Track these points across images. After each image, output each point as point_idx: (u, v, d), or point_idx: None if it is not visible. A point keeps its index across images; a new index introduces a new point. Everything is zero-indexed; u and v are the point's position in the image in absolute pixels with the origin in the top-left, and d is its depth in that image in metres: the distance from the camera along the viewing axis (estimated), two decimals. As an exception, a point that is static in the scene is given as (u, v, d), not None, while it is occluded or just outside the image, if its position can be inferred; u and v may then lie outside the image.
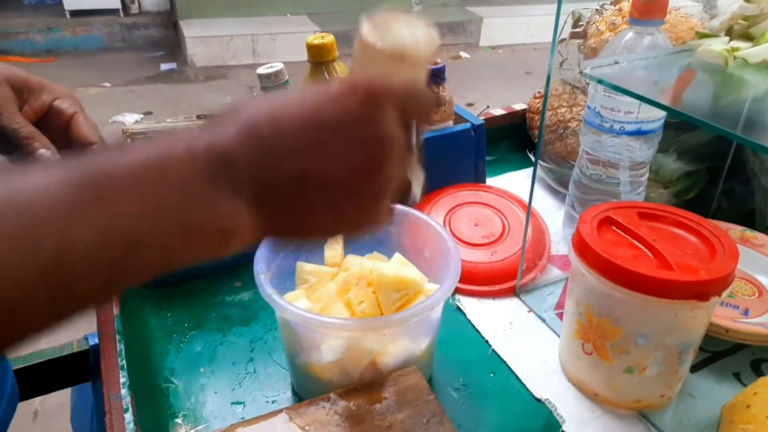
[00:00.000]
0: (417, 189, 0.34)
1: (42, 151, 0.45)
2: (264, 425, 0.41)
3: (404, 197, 0.33)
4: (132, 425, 0.41)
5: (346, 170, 0.27)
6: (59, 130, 0.46)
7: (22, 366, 0.63)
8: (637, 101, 0.57)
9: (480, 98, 3.26)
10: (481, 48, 4.38)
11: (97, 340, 0.54)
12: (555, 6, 0.46)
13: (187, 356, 0.55)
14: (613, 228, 0.48)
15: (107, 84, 3.46)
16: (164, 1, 4.21)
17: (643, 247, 0.45)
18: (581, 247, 0.46)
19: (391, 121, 0.28)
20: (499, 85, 3.59)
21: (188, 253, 0.25)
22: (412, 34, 0.32)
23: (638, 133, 0.59)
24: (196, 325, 0.59)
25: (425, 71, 0.34)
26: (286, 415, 0.41)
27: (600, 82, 0.49)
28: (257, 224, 0.27)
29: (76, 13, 3.97)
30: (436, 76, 0.69)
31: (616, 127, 0.59)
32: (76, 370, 0.63)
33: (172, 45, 4.05)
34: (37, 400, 1.41)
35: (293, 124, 0.26)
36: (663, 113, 0.59)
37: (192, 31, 3.80)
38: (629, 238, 0.47)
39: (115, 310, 0.51)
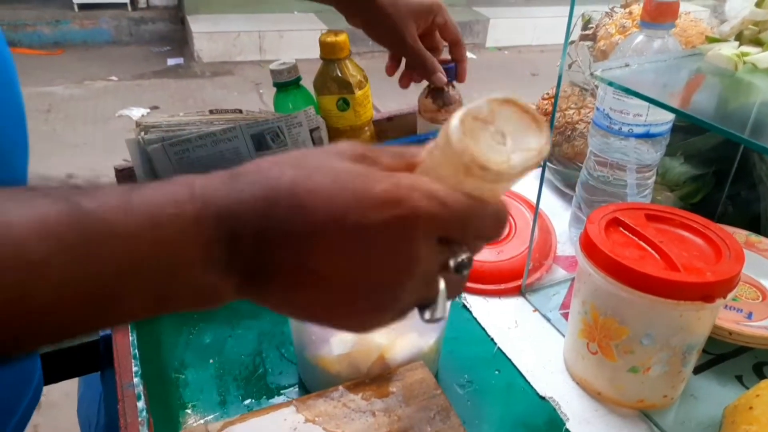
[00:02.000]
0: (441, 308, 0.28)
1: (439, 75, 0.67)
2: (272, 416, 0.41)
3: (424, 308, 0.29)
4: (144, 413, 0.42)
5: (351, 278, 0.25)
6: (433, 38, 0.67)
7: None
8: (646, 104, 0.58)
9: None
10: (488, 49, 4.38)
11: (107, 331, 0.55)
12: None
13: (196, 348, 0.56)
14: (621, 229, 0.49)
15: (114, 77, 3.48)
16: (172, -5, 4.22)
17: (649, 249, 0.46)
18: (589, 247, 0.46)
19: (426, 242, 0.25)
20: (506, 87, 3.59)
21: (158, 312, 0.25)
22: (512, 147, 0.25)
23: (646, 136, 0.60)
24: (205, 317, 0.59)
25: (507, 188, 0.27)
26: (294, 406, 0.42)
27: (610, 84, 0.50)
28: (241, 294, 0.26)
29: (84, 6, 3.99)
30: (449, 75, 0.69)
31: (625, 129, 0.60)
32: (85, 360, 0.63)
33: (179, 40, 4.07)
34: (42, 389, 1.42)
35: (315, 214, 0.24)
36: (671, 116, 0.60)
37: (199, 26, 3.81)
38: (636, 239, 0.47)
39: (127, 301, 0.51)
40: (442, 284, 0.27)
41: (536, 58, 4.21)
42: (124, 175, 0.64)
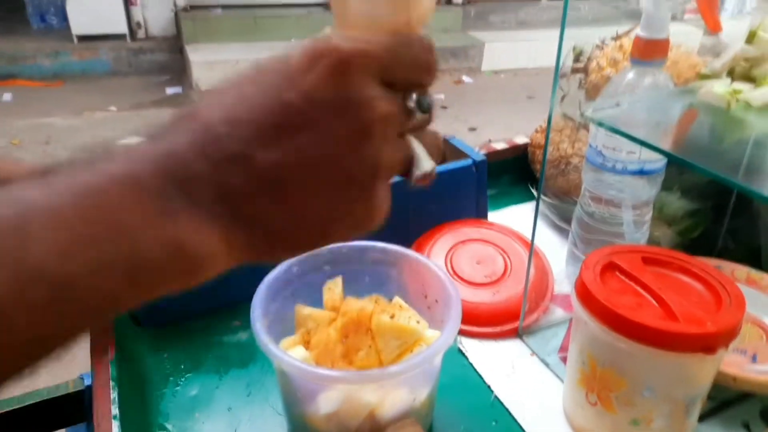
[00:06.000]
0: (425, 160, 0.28)
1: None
2: (258, 482, 0.39)
3: (410, 171, 0.28)
4: (123, 480, 0.40)
5: (325, 150, 0.24)
6: None
7: (17, 407, 0.62)
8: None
9: (482, 123, 3.28)
10: (484, 72, 4.42)
11: (92, 381, 0.53)
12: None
13: (182, 400, 0.54)
14: (617, 274, 0.47)
15: (113, 108, 3.50)
16: (170, 26, 4.26)
17: (647, 295, 0.45)
18: (584, 294, 0.45)
19: (370, 84, 0.24)
20: (502, 110, 3.60)
21: (144, 289, 0.22)
22: None
23: (641, 173, 0.59)
24: (192, 366, 0.58)
25: (423, 22, 0.28)
26: (281, 470, 0.40)
27: (601, 124, 0.49)
28: (232, 242, 0.23)
29: (83, 38, 4.03)
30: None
31: (618, 166, 0.59)
32: (72, 410, 0.62)
33: (177, 69, 4.10)
34: None
35: (253, 113, 0.23)
36: (666, 153, 0.59)
37: (197, 55, 3.84)
38: (633, 284, 0.46)
39: (110, 355, 0.50)
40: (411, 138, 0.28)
41: (532, 81, 4.24)
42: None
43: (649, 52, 0.55)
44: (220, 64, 3.79)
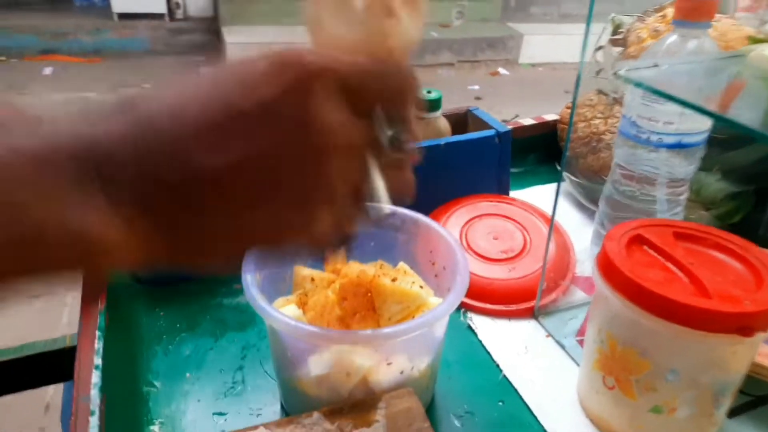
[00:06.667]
0: (379, 187, 0.25)
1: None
2: (236, 442, 0.37)
3: (362, 206, 0.26)
4: (96, 431, 0.38)
5: (267, 166, 0.22)
6: None
7: (13, 357, 0.61)
8: (677, 110, 0.52)
9: (515, 115, 3.21)
10: (521, 65, 4.32)
11: (78, 329, 0.51)
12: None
13: (174, 359, 0.51)
14: (645, 248, 0.43)
15: (147, 86, 3.52)
16: (208, 7, 4.29)
17: (677, 271, 0.40)
18: (606, 266, 0.41)
19: (334, 107, 0.22)
20: (537, 103, 3.51)
21: (29, 265, 0.20)
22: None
23: (678, 147, 0.54)
24: (188, 326, 0.55)
25: (408, 49, 0.26)
26: (264, 430, 0.37)
27: (637, 85, 0.45)
28: (138, 237, 0.21)
29: (123, 16, 4.09)
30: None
31: (654, 138, 0.54)
32: (69, 364, 0.60)
33: (213, 50, 4.13)
34: (50, 391, 1.41)
35: (201, 113, 0.21)
36: (706, 125, 0.54)
37: (233, 37, 3.85)
38: (662, 259, 0.41)
39: (100, 306, 0.48)
40: (372, 164, 0.25)
41: (570, 75, 4.07)
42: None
43: (695, 12, 0.50)
44: (254, 46, 3.80)
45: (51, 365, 0.61)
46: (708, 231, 0.44)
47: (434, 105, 0.67)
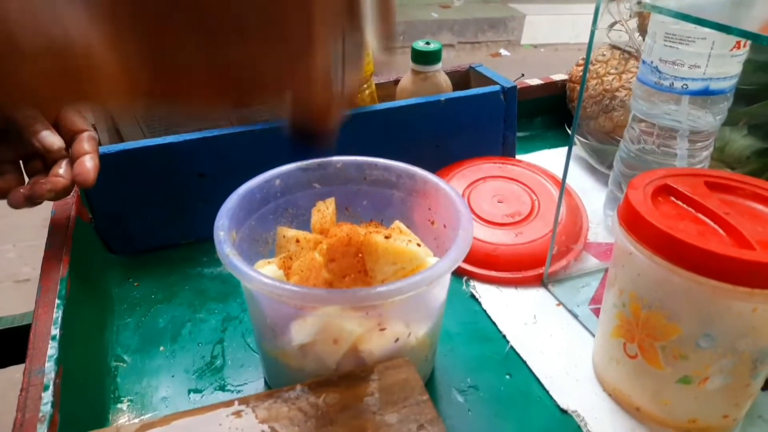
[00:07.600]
0: (340, 72, 0.23)
1: (45, 132, 0.44)
2: (206, 418, 0.32)
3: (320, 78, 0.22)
4: (49, 407, 0.33)
5: None
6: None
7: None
8: (706, 52, 0.46)
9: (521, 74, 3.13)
10: (523, 46, 4.23)
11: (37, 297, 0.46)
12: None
13: (147, 332, 0.47)
14: (672, 199, 0.38)
15: None
16: None
17: (712, 223, 0.35)
18: (630, 218, 0.35)
19: None
20: (540, 84, 3.45)
21: (11, 80, 0.18)
22: None
23: (704, 93, 0.48)
24: (164, 297, 0.50)
25: None
26: (236, 407, 0.32)
27: (661, 11, 0.39)
28: (119, 60, 0.19)
29: None
30: None
31: (678, 85, 0.49)
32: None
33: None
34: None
35: None
36: (736, 69, 0.48)
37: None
38: (693, 211, 0.36)
39: (62, 272, 0.43)
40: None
41: (573, 56, 4.00)
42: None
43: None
44: None
45: (20, 343, 0.56)
46: (744, 180, 0.38)
47: (433, 57, 0.61)
